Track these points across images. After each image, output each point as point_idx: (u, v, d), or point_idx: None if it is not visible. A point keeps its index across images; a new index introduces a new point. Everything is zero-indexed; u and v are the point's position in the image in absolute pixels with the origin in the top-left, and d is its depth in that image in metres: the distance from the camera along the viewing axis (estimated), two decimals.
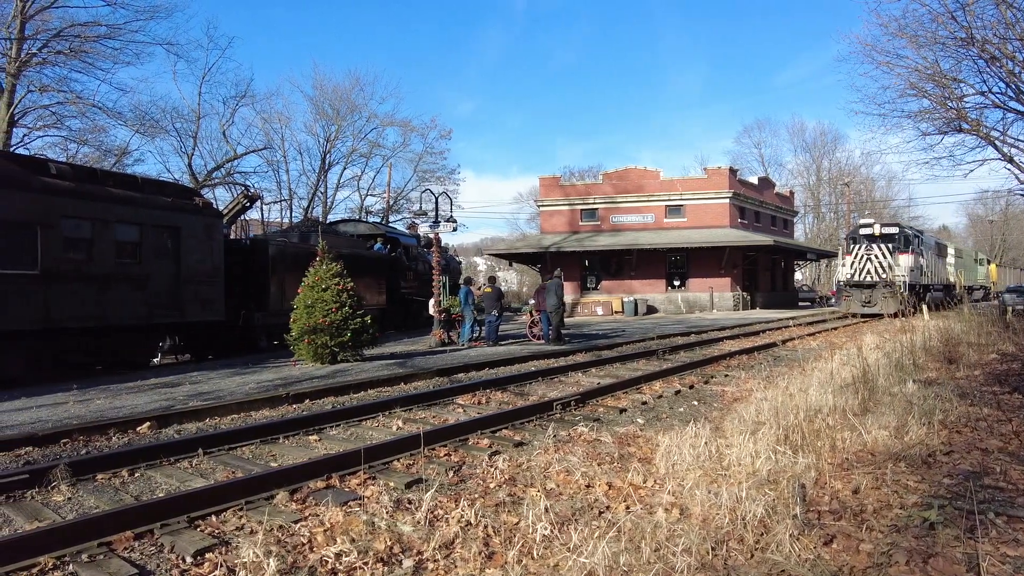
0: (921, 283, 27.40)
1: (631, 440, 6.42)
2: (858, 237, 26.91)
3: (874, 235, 26.43)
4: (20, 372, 10.92)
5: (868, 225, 27.81)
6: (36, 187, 11.01)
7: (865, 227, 27.60)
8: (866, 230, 27.23)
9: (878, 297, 24.88)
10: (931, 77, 15.26)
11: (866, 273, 25.82)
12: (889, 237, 26.32)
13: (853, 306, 25.90)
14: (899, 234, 26.45)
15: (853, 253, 26.41)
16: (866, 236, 26.63)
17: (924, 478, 4.60)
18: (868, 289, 25.54)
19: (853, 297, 25.95)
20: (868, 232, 26.83)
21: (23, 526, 4.39)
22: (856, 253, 26.34)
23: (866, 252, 25.99)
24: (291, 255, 16.81)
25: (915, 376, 8.38)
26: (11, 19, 22.13)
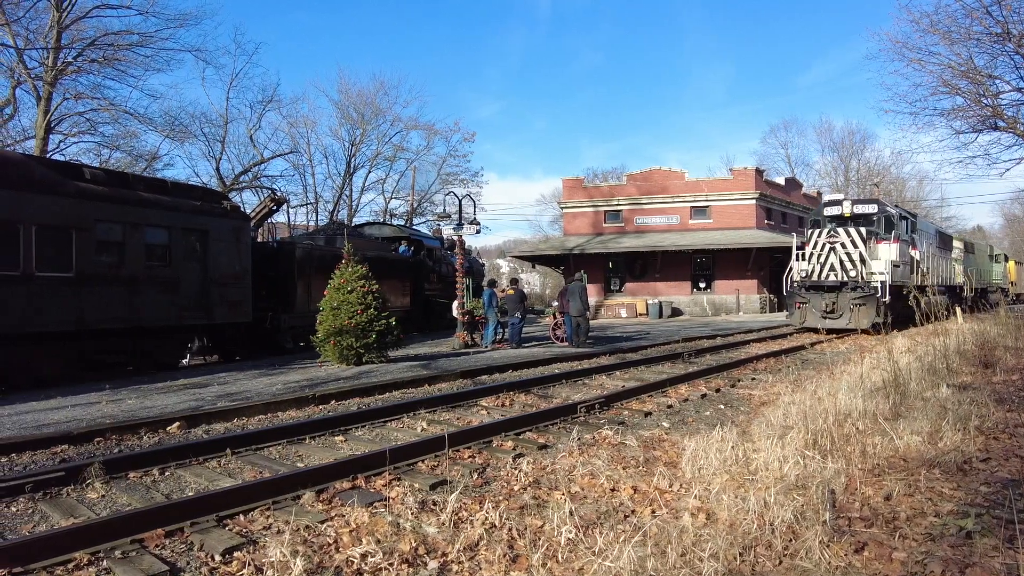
0: (913, 283, 19.89)
1: (656, 444, 6.36)
2: (821, 220, 19.94)
3: (843, 216, 19.46)
4: (56, 372, 11.22)
5: (835, 203, 20.20)
6: (71, 192, 11.30)
7: (832, 205, 20.21)
8: (833, 209, 19.95)
9: (845, 304, 18.06)
10: (965, 74, 14.92)
11: (829, 270, 18.67)
12: (865, 219, 19.34)
13: (809, 317, 18.69)
14: (878, 214, 19.42)
15: (812, 242, 19.11)
16: (833, 218, 19.74)
17: (960, 485, 4.48)
18: (831, 293, 18.38)
19: (810, 304, 18.75)
20: (835, 212, 19.78)
21: (59, 522, 4.50)
22: (816, 242, 18.99)
23: (829, 240, 18.68)
24: (317, 258, 17.01)
25: (949, 380, 8.16)
26: (48, 29, 22.76)
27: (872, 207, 19.96)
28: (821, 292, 18.69)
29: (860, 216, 19.49)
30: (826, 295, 18.60)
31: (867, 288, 17.95)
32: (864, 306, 17.81)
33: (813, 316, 18.73)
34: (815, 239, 19.11)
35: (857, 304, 17.96)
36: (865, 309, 17.78)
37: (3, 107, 23.59)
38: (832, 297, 18.50)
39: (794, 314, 19.47)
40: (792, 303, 19.67)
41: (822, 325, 18.28)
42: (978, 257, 33.65)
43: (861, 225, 19.02)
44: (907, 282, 19.31)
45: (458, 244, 17.25)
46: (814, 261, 18.98)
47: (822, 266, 18.90)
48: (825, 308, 18.51)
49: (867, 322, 17.50)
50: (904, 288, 19.09)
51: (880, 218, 19.51)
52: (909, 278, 19.94)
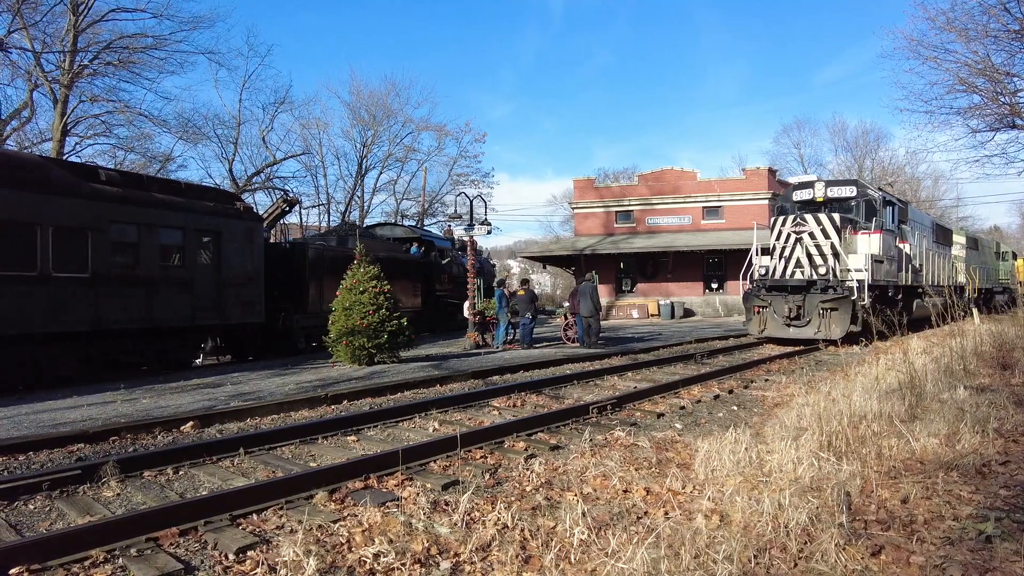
0: (903, 281, 17.37)
1: (669, 445, 6.32)
2: (789, 206, 16.69)
3: (815, 200, 16.29)
4: (72, 372, 11.35)
5: (806, 185, 16.88)
6: (87, 193, 11.43)
7: (802, 188, 16.90)
8: (803, 193, 16.68)
9: (813, 309, 14.85)
10: (982, 72, 14.75)
11: (795, 266, 15.34)
12: (841, 205, 16.15)
13: (770, 325, 15.62)
14: (857, 199, 16.18)
15: (775, 232, 15.84)
16: (803, 204, 16.49)
17: (978, 489, 4.41)
18: (796, 295, 15.14)
19: (771, 308, 15.57)
20: (806, 196, 16.53)
21: (76, 520, 4.54)
22: (779, 232, 15.68)
23: (795, 229, 15.35)
24: (329, 258, 17.09)
25: (966, 382, 8.06)
26: (65, 33, 23.05)
27: (850, 190, 16.42)
28: (784, 294, 15.35)
29: (836, 201, 16.29)
30: (790, 297, 15.21)
31: (841, 288, 14.70)
32: (836, 311, 14.64)
33: (775, 323, 15.46)
34: (778, 228, 15.71)
35: (827, 308, 14.74)
36: (837, 315, 14.62)
37: (21, 110, 23.94)
38: (797, 300, 15.12)
39: (751, 320, 16.12)
40: (750, 307, 16.24)
41: (785, 334, 15.23)
42: (983, 254, 30.61)
43: (836, 211, 15.83)
44: (893, 281, 16.68)
45: (469, 245, 17.27)
46: (776, 255, 15.75)
47: (786, 261, 15.56)
48: (788, 313, 15.09)
49: (839, 330, 14.48)
50: (890, 288, 16.17)
51: (859, 203, 16.18)
52: (896, 276, 17.00)
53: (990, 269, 31.43)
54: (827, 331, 14.76)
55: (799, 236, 15.43)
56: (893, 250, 17.01)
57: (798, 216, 15.57)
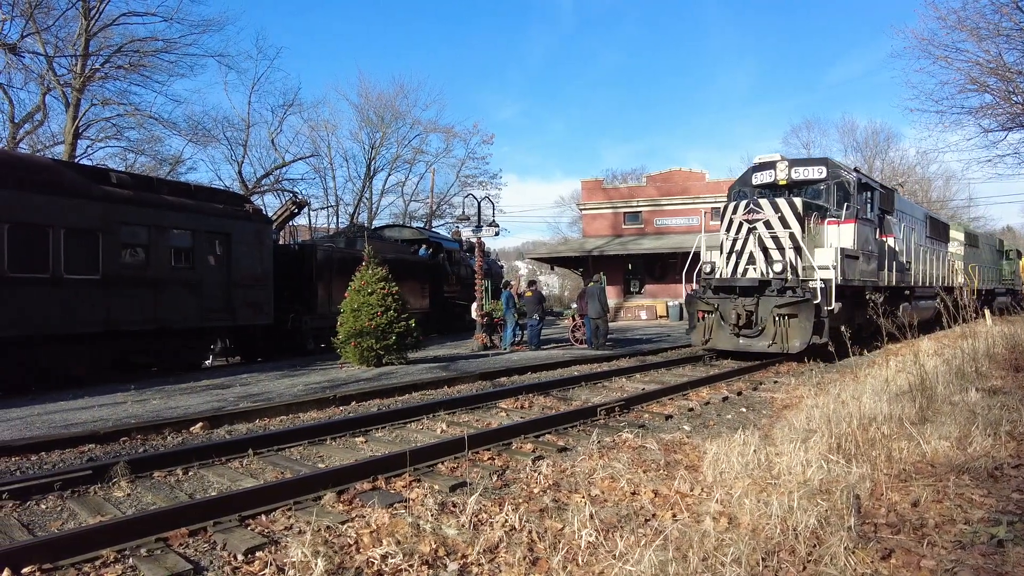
0: (885, 281, 14.76)
1: (677, 447, 6.30)
2: (748, 191, 14.25)
3: (776, 184, 13.80)
4: (83, 372, 11.44)
5: (767, 165, 14.22)
6: (98, 196, 11.53)
7: (762, 170, 14.31)
8: (763, 175, 14.19)
9: (767, 315, 12.28)
10: (994, 71, 14.63)
11: (747, 263, 12.82)
12: (807, 188, 13.77)
13: (718, 334, 13.03)
14: (827, 181, 13.65)
15: (725, 221, 13.32)
16: (764, 187, 14.04)
17: (991, 492, 4.37)
18: (746, 298, 12.60)
19: (718, 313, 13.00)
20: (767, 179, 14.07)
21: (87, 520, 4.58)
22: (730, 221, 13.18)
23: (748, 218, 12.74)
24: (338, 260, 17.15)
25: (978, 384, 7.99)
26: (76, 37, 23.26)
27: (818, 170, 13.77)
28: (734, 296, 12.75)
29: (802, 185, 13.89)
30: (740, 301, 12.55)
31: (802, 290, 12.12)
32: (795, 318, 11.94)
33: (721, 332, 12.84)
34: (728, 216, 13.13)
35: (784, 315, 12.04)
36: (796, 323, 11.93)
37: (34, 113, 24.17)
38: (748, 304, 12.42)
39: (696, 328, 13.41)
40: (693, 312, 13.59)
41: (732, 346, 12.67)
42: (984, 252, 28.03)
43: (800, 195, 13.46)
44: (872, 281, 13.97)
45: (477, 246, 17.30)
46: (727, 250, 13.20)
47: (737, 257, 12.95)
48: (736, 320, 12.43)
49: (799, 342, 11.90)
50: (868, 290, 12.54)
51: (830, 187, 13.59)
52: (876, 276, 14.36)
53: (992, 268, 29.12)
54: (783, 343, 12.04)
55: (752, 226, 12.64)
56: (872, 244, 14.28)
57: (751, 201, 12.87)
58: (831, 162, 14.18)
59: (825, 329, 11.97)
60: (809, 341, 11.91)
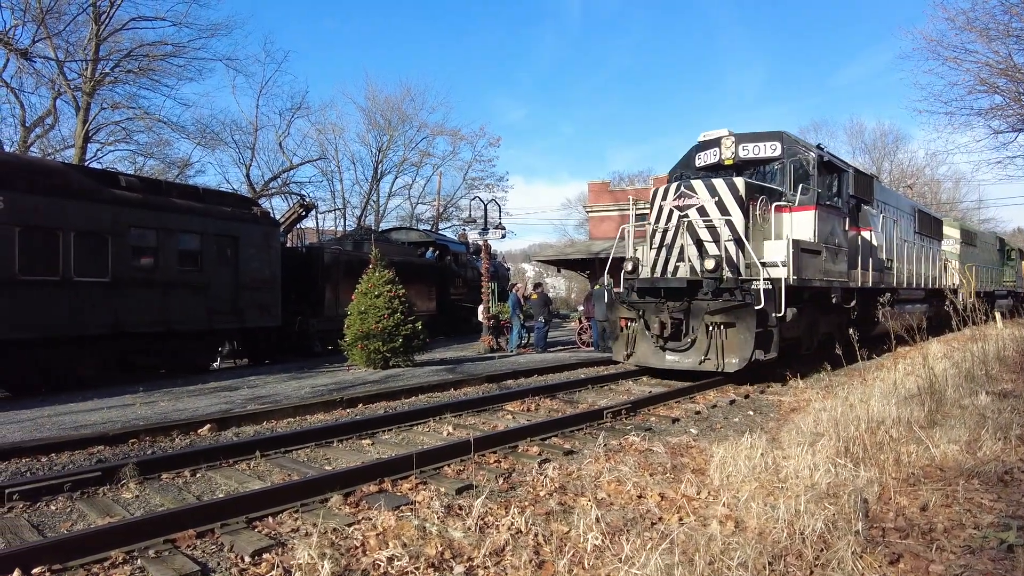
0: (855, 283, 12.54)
1: (684, 450, 6.29)
2: (689, 173, 12.15)
3: (722, 164, 11.84)
4: (92, 374, 11.53)
5: (711, 144, 12.14)
6: (107, 199, 11.62)
7: (706, 148, 12.25)
8: (707, 155, 12.16)
9: (699, 323, 10.11)
10: (1004, 72, 14.52)
11: (678, 259, 10.70)
12: (760, 169, 11.87)
13: (641, 347, 10.81)
14: (783, 160, 11.58)
15: (655, 209, 11.15)
16: (709, 169, 12.04)
17: (1000, 497, 4.34)
18: (675, 302, 10.39)
19: (642, 321, 10.79)
20: (711, 160, 12.07)
21: (96, 521, 4.61)
22: (661, 209, 11.02)
23: (679, 204, 10.69)
24: (345, 263, 17.21)
25: (988, 387, 7.93)
26: (87, 42, 23.46)
27: (771, 146, 11.55)
28: (660, 300, 10.49)
29: (754, 164, 11.77)
30: (667, 306, 10.30)
31: (742, 292, 9.83)
32: (733, 327, 9.68)
33: (648, 345, 10.61)
34: (658, 203, 10.96)
35: (719, 323, 9.77)
36: (735, 334, 9.65)
37: (44, 117, 24.39)
38: (677, 309, 10.18)
39: (617, 340, 11.24)
40: (614, 319, 11.35)
41: (658, 362, 10.46)
42: (983, 251, 25.94)
43: (749, 176, 11.41)
44: (840, 281, 11.81)
45: (483, 249, 17.31)
46: (656, 243, 11.02)
47: (667, 252, 10.75)
48: (660, 330, 10.15)
49: (737, 359, 9.63)
50: (836, 292, 11.36)
51: (786, 167, 11.44)
52: (846, 275, 12.10)
53: (992, 269, 27.05)
54: (718, 359, 9.74)
55: (684, 213, 10.47)
56: (840, 236, 12.06)
57: (682, 183, 10.81)
58: (787, 137, 11.71)
59: (774, 342, 9.78)
60: (751, 357, 9.58)
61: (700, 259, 10.30)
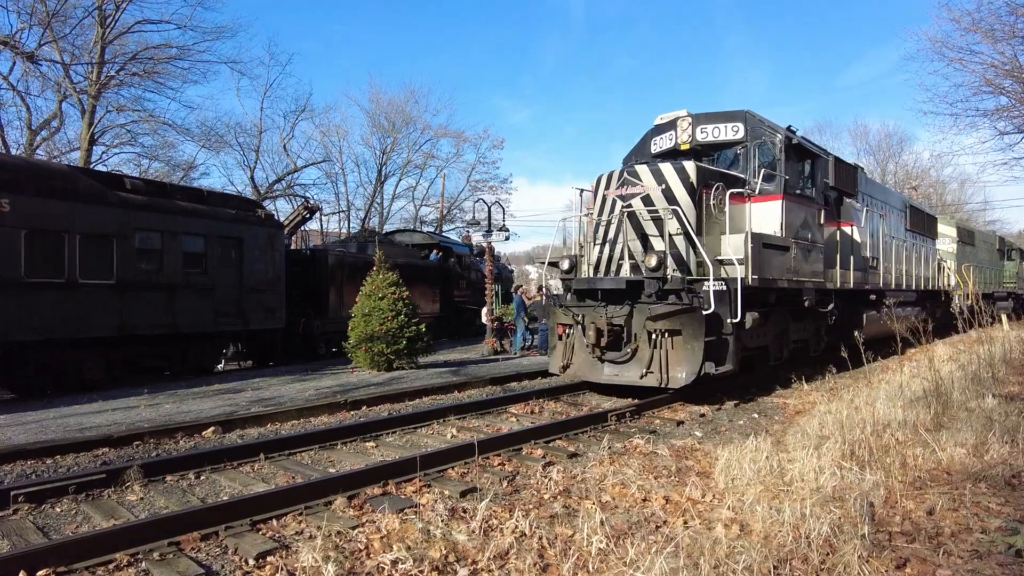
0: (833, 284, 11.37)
1: (689, 453, 6.27)
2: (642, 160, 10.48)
3: (678, 149, 10.65)
4: (97, 376, 11.56)
5: (667, 126, 10.99)
6: (113, 202, 11.66)
7: (661, 132, 11.07)
8: (663, 139, 10.97)
9: (640, 330, 8.65)
10: (1009, 73, 14.46)
11: (622, 257, 9.41)
12: (718, 153, 10.65)
13: (579, 357, 9.39)
14: (746, 144, 10.29)
15: (598, 200, 9.99)
16: (665, 155, 10.70)
17: (1008, 500, 4.32)
18: (616, 306, 8.92)
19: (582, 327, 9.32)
20: (667, 145, 10.87)
21: (100, 523, 4.62)
22: (604, 200, 9.80)
23: (622, 193, 9.45)
24: (349, 265, 17.23)
25: (995, 390, 7.89)
26: (93, 45, 23.58)
27: (733, 128, 10.27)
28: (600, 303, 9.08)
29: (715, 148, 10.60)
30: (605, 311, 8.91)
31: (690, 294, 8.48)
32: (679, 335, 8.31)
33: (585, 355, 9.20)
34: (601, 193, 9.76)
35: (663, 330, 8.36)
36: (681, 343, 8.30)
37: (50, 120, 24.51)
38: (617, 314, 8.76)
39: (554, 350, 9.81)
40: (552, 326, 9.96)
41: (595, 376, 9.08)
42: (981, 251, 24.80)
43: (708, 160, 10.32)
44: (814, 282, 10.51)
45: (487, 251, 17.31)
46: (598, 239, 9.82)
47: (611, 248, 9.49)
48: (596, 339, 8.74)
49: (683, 373, 8.29)
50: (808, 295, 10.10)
51: (750, 151, 10.13)
52: (821, 275, 10.84)
53: (991, 270, 26.01)
54: (661, 372, 8.39)
55: (627, 203, 9.15)
56: (815, 231, 10.75)
57: (626, 170, 9.49)
58: (751, 116, 10.32)
59: (729, 352, 8.46)
60: (700, 371, 8.22)
61: (646, 256, 8.89)
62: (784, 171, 9.93)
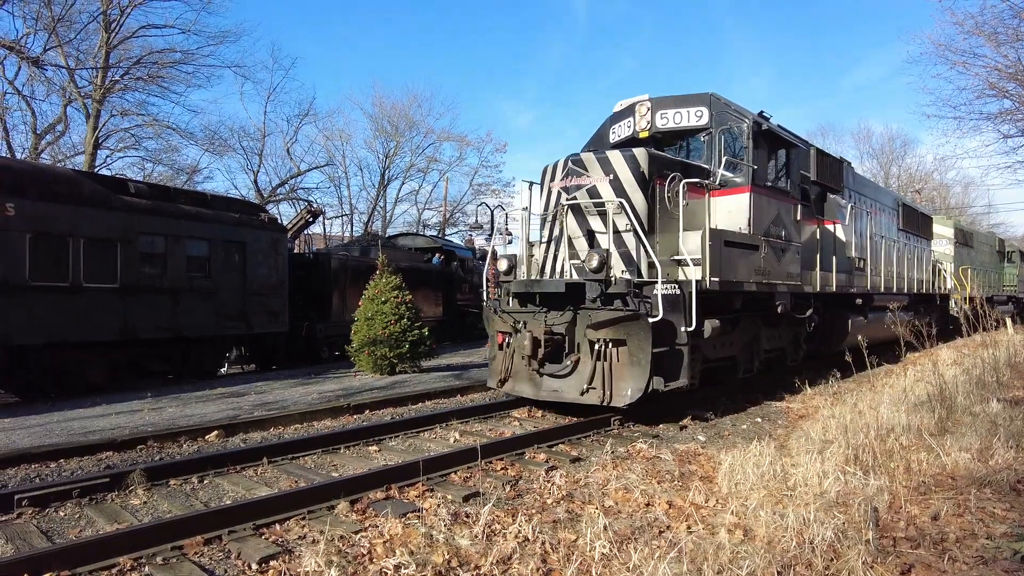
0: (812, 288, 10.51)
1: (692, 458, 6.26)
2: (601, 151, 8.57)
3: (636, 138, 9.61)
4: (102, 380, 11.59)
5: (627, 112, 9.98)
6: (117, 206, 11.70)
7: (621, 118, 10.10)
8: (622, 127, 10.02)
9: (582, 339, 7.57)
10: (1013, 76, 14.44)
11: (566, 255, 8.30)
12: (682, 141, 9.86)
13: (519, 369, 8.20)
14: (711, 130, 9.16)
15: (544, 193, 8.88)
16: (623, 144, 9.55)
17: (1013, 506, 4.30)
18: (556, 312, 7.82)
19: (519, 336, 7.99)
20: (625, 133, 9.90)
21: (104, 527, 4.63)
22: (551, 193, 8.63)
23: (567, 184, 8.26)
24: (352, 268, 17.26)
25: (999, 394, 7.87)
26: (97, 50, 23.70)
27: (696, 112, 9.23)
28: (542, 310, 8.03)
29: (678, 136, 9.68)
30: (546, 318, 7.90)
31: (636, 299, 7.43)
32: (624, 346, 7.30)
33: (523, 367, 8.14)
34: (547, 185, 8.76)
35: (606, 340, 7.35)
36: (626, 355, 7.29)
37: (55, 124, 24.62)
38: (558, 321, 7.78)
39: (494, 360, 8.73)
40: (492, 333, 8.79)
41: (531, 391, 8.07)
42: (980, 252, 23.97)
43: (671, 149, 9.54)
44: (789, 284, 9.52)
45: (490, 254, 17.32)
46: (545, 236, 8.80)
47: (556, 246, 8.47)
48: (532, 349, 7.66)
49: (629, 389, 7.23)
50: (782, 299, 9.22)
51: (715, 138, 9.07)
52: (799, 276, 9.84)
53: (991, 272, 25.09)
54: (604, 388, 7.34)
55: (572, 196, 8.14)
56: (790, 228, 9.68)
57: (571, 158, 8.38)
58: (717, 100, 9.20)
59: (683, 365, 7.45)
60: (647, 387, 7.17)
61: (592, 255, 7.60)
62: (752, 160, 8.82)
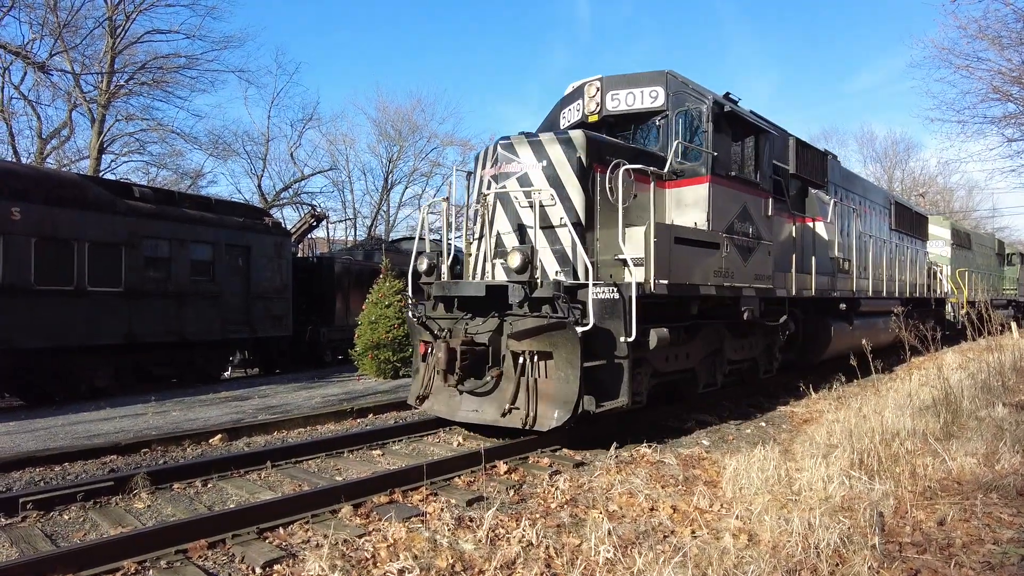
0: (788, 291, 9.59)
1: (696, 462, 6.24)
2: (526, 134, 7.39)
3: (586, 122, 8.32)
4: (106, 383, 11.62)
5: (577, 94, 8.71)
6: (122, 210, 11.75)
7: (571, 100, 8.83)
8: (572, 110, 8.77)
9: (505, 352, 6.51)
10: (1016, 80, 14.41)
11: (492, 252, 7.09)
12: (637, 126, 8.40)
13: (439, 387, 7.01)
14: (668, 113, 7.95)
15: (476, 183, 7.66)
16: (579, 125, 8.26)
17: (1020, 511, 4.27)
18: (478, 320, 6.78)
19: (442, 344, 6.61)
20: (575, 117, 8.63)
21: (108, 531, 4.63)
22: (481, 183, 7.42)
23: (495, 172, 7.18)
24: (356, 272, 17.29)
25: (1005, 399, 7.83)
26: (103, 55, 23.83)
27: (651, 93, 8.15)
28: (464, 316, 7.07)
29: (632, 120, 8.45)
30: (465, 325, 6.96)
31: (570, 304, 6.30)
32: (551, 360, 6.30)
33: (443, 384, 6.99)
34: (478, 174, 7.70)
35: (531, 352, 6.35)
36: (554, 369, 6.29)
37: (60, 129, 24.74)
38: (480, 330, 6.83)
39: (417, 373, 7.71)
40: (415, 343, 7.84)
41: (450, 412, 7.04)
42: (978, 254, 23.22)
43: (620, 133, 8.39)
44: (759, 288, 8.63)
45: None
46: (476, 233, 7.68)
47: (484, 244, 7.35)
48: (447, 363, 6.56)
49: (555, 411, 6.19)
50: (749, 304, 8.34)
51: (673, 121, 8.00)
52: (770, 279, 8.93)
53: (990, 275, 24.32)
54: (528, 408, 6.34)
55: (501, 185, 7.16)
56: (760, 225, 8.69)
57: (501, 143, 7.40)
58: (674, 78, 8.09)
59: (623, 381, 6.42)
60: (577, 407, 6.15)
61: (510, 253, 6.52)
62: (712, 146, 7.70)
